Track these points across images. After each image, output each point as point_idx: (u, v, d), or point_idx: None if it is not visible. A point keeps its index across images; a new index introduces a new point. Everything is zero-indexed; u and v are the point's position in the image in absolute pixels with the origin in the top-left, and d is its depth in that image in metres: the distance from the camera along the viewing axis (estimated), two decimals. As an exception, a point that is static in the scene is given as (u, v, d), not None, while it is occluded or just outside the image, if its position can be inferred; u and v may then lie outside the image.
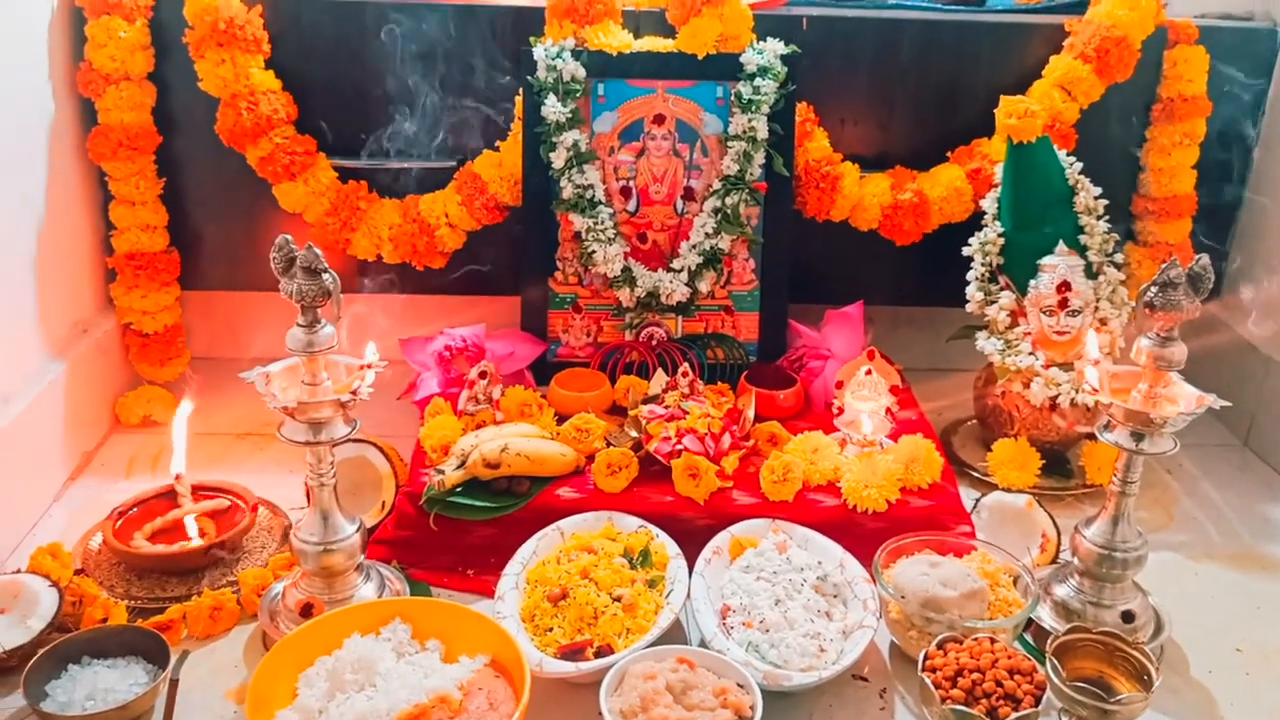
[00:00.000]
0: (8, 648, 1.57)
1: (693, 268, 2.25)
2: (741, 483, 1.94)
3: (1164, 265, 1.57)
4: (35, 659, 1.53)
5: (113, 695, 1.50)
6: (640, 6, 2.29)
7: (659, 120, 2.24)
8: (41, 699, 1.49)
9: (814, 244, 2.37)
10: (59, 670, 1.54)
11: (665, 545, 1.78)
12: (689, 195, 2.27)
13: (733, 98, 2.21)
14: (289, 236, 1.52)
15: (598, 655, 1.56)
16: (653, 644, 1.57)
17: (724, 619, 1.64)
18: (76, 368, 2.16)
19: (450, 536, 1.87)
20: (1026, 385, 2.11)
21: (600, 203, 2.22)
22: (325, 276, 1.52)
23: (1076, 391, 2.07)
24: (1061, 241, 2.14)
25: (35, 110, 2.10)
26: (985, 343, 2.17)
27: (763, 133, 2.20)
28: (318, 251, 1.51)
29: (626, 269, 2.25)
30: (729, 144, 2.22)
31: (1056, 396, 2.09)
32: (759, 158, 2.22)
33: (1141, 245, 2.45)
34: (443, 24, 2.22)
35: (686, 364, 2.17)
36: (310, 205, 2.27)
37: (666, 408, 2.03)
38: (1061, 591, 1.74)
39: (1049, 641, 1.56)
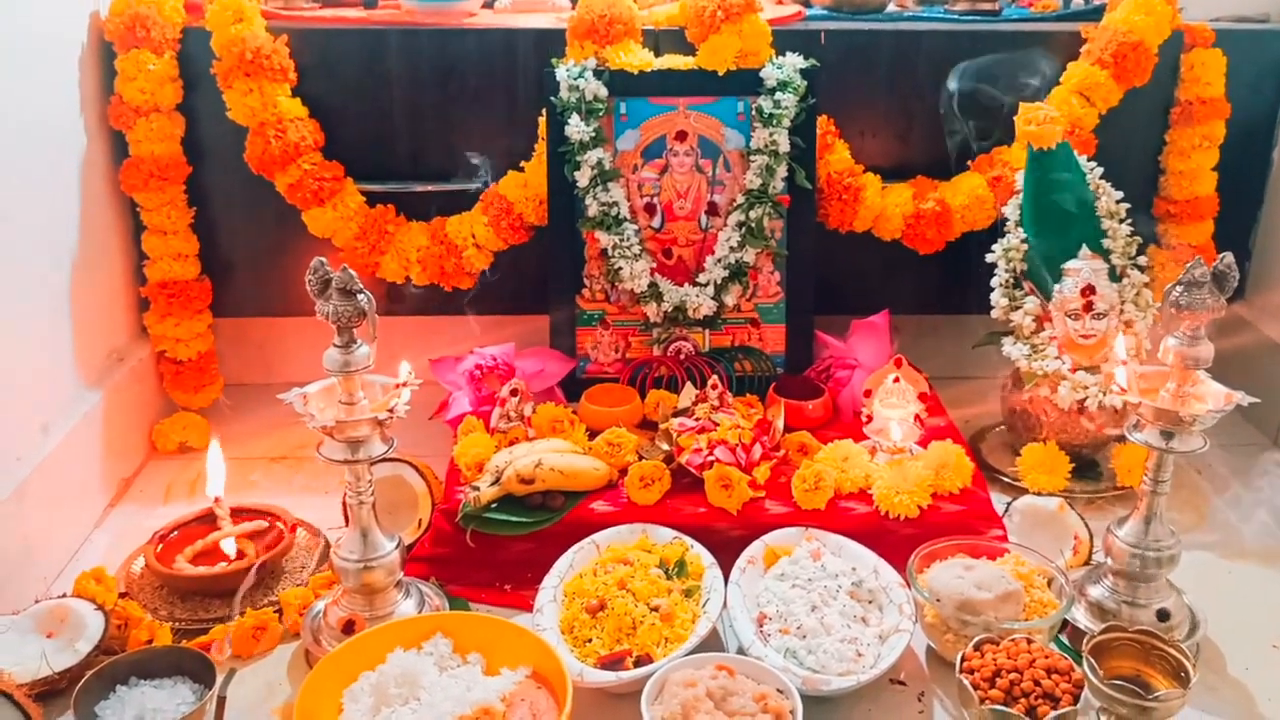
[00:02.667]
0: (57, 670, 1.60)
1: (718, 282, 2.27)
2: (773, 492, 1.95)
3: (1189, 265, 1.58)
4: (84, 681, 1.54)
5: (161, 715, 1.52)
6: (660, 25, 2.32)
7: (681, 137, 2.26)
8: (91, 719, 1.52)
9: (838, 255, 2.39)
10: (107, 691, 1.56)
11: (700, 555, 1.80)
12: (713, 210, 2.30)
13: (753, 112, 2.23)
14: (324, 259, 1.55)
15: (637, 664, 1.57)
16: (691, 652, 1.58)
17: (761, 626, 1.66)
18: (112, 396, 2.20)
19: (487, 552, 1.89)
20: (1054, 389, 2.12)
21: (625, 220, 2.24)
22: (360, 297, 1.54)
23: (1104, 394, 2.08)
24: (1084, 246, 2.15)
25: (67, 143, 2.14)
26: (1011, 348, 2.18)
27: (784, 146, 2.22)
28: (352, 273, 1.54)
29: (653, 284, 2.27)
30: (751, 158, 2.24)
31: (1084, 400, 2.10)
32: (781, 171, 2.24)
33: (1164, 248, 2.46)
34: (465, 48, 2.26)
35: (715, 377, 2.19)
36: (339, 230, 2.30)
37: (697, 420, 2.05)
38: (1096, 592, 1.75)
39: (1085, 641, 1.57)
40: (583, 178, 2.22)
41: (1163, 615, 1.69)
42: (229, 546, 1.90)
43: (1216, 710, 1.62)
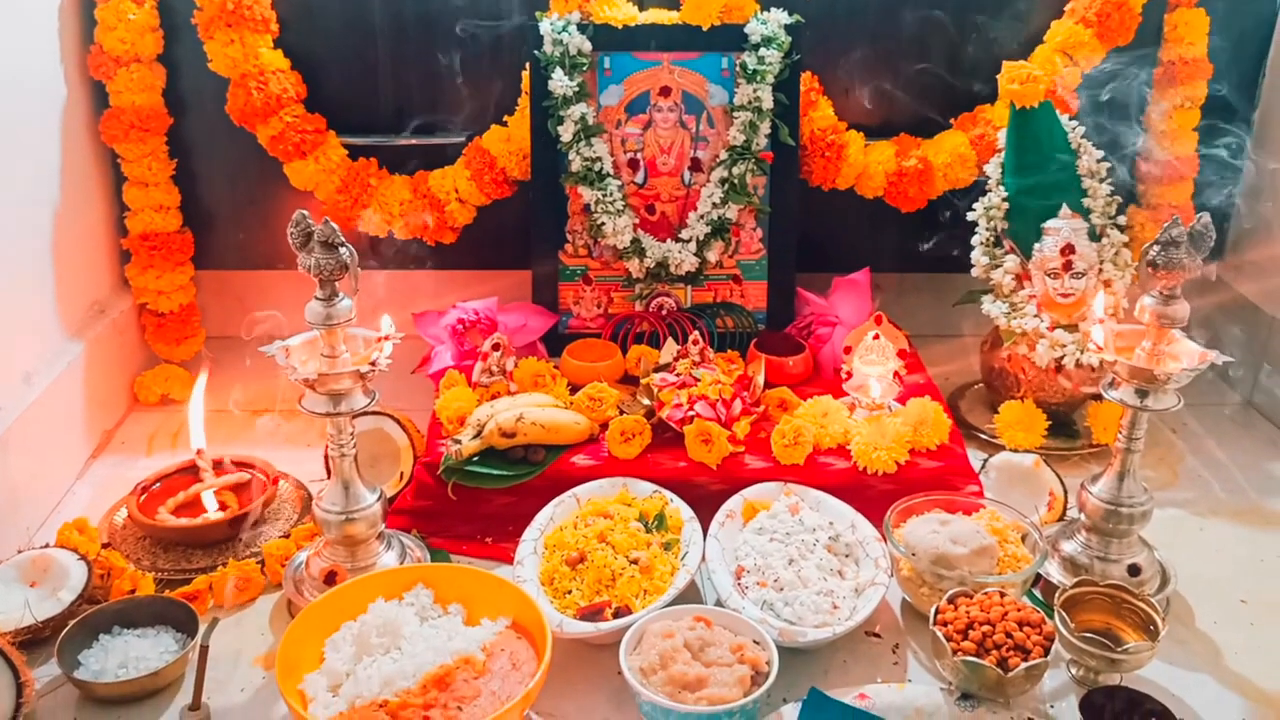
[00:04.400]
0: (41, 619, 1.61)
1: (701, 238, 2.28)
2: (753, 447, 1.96)
3: (1166, 224, 1.59)
4: (68, 629, 1.57)
5: (144, 663, 1.55)
6: (644, -21, 2.31)
7: (665, 92, 2.26)
8: (75, 667, 1.54)
9: (820, 212, 2.40)
10: (91, 640, 1.59)
11: (680, 509, 1.82)
12: (696, 166, 2.30)
13: (738, 68, 2.23)
14: (305, 212, 1.55)
15: (616, 616, 1.60)
16: (670, 604, 1.60)
17: (739, 579, 1.68)
18: (94, 348, 2.20)
19: (468, 505, 1.91)
20: (1032, 348, 2.14)
21: (608, 175, 2.24)
22: (342, 250, 1.54)
23: (1081, 353, 2.10)
24: (1065, 205, 2.16)
25: (47, 94, 2.12)
26: (991, 306, 2.20)
27: (768, 103, 2.22)
28: (334, 226, 1.54)
29: (635, 240, 2.27)
30: (734, 114, 2.24)
31: (1062, 358, 2.11)
32: (764, 127, 2.24)
33: (1144, 207, 2.47)
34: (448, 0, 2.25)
35: (696, 333, 2.20)
36: (321, 183, 2.29)
37: (678, 375, 2.06)
38: (1069, 547, 1.77)
39: (1057, 594, 1.60)
40: (566, 132, 2.21)
41: (1134, 570, 1.72)
42: (209, 500, 1.91)
43: (1185, 663, 1.65)
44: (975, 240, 2.23)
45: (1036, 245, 2.16)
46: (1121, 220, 2.22)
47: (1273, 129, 2.45)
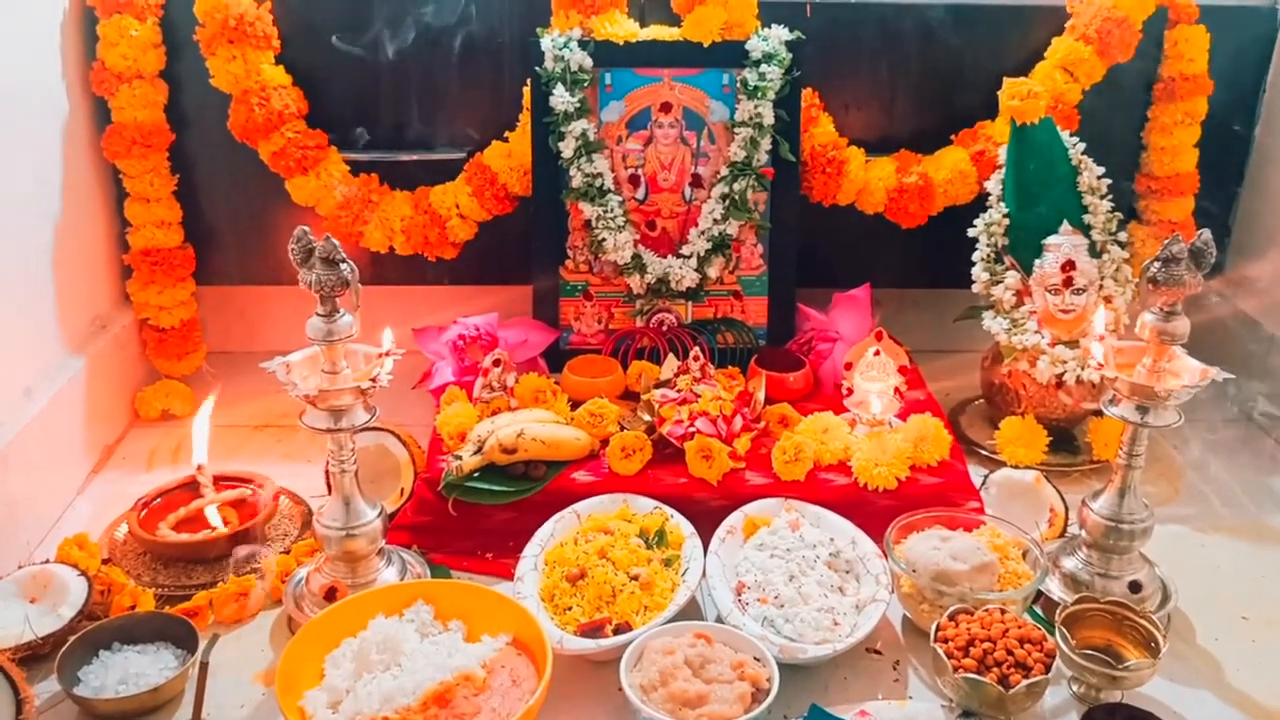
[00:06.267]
0: (40, 635, 1.60)
1: (702, 254, 2.28)
2: (754, 463, 1.96)
3: (1167, 241, 1.59)
4: (68, 645, 1.56)
5: (144, 679, 1.54)
6: (645, -4, 2.32)
7: (666, 108, 2.26)
8: (75, 684, 1.53)
9: (821, 228, 2.39)
10: (91, 656, 1.58)
11: (680, 525, 1.81)
12: (697, 182, 2.30)
13: (738, 85, 2.23)
14: (307, 228, 1.55)
15: (617, 632, 1.59)
16: (670, 621, 1.60)
17: (739, 595, 1.67)
18: (95, 363, 2.20)
19: (469, 521, 1.90)
20: (1033, 363, 2.14)
21: (609, 191, 2.25)
22: (343, 266, 1.54)
23: (1082, 369, 2.10)
24: (1065, 221, 2.17)
25: (49, 110, 2.13)
26: (991, 322, 2.20)
27: (769, 119, 2.22)
28: (335, 242, 1.54)
29: (636, 256, 2.27)
30: (735, 130, 2.24)
31: (1062, 374, 2.11)
32: (765, 144, 2.24)
33: (1145, 223, 2.48)
34: (451, 16, 2.25)
35: (697, 348, 2.20)
36: (322, 199, 2.30)
37: (678, 391, 2.06)
38: (1070, 564, 1.77)
39: (1058, 611, 1.59)
40: (567, 149, 2.22)
41: (1135, 587, 1.72)
42: (213, 516, 1.91)
43: (1186, 680, 1.64)
44: (976, 256, 2.23)
45: (1037, 261, 2.17)
46: (1122, 236, 2.22)
47: (1273, 145, 2.45)
